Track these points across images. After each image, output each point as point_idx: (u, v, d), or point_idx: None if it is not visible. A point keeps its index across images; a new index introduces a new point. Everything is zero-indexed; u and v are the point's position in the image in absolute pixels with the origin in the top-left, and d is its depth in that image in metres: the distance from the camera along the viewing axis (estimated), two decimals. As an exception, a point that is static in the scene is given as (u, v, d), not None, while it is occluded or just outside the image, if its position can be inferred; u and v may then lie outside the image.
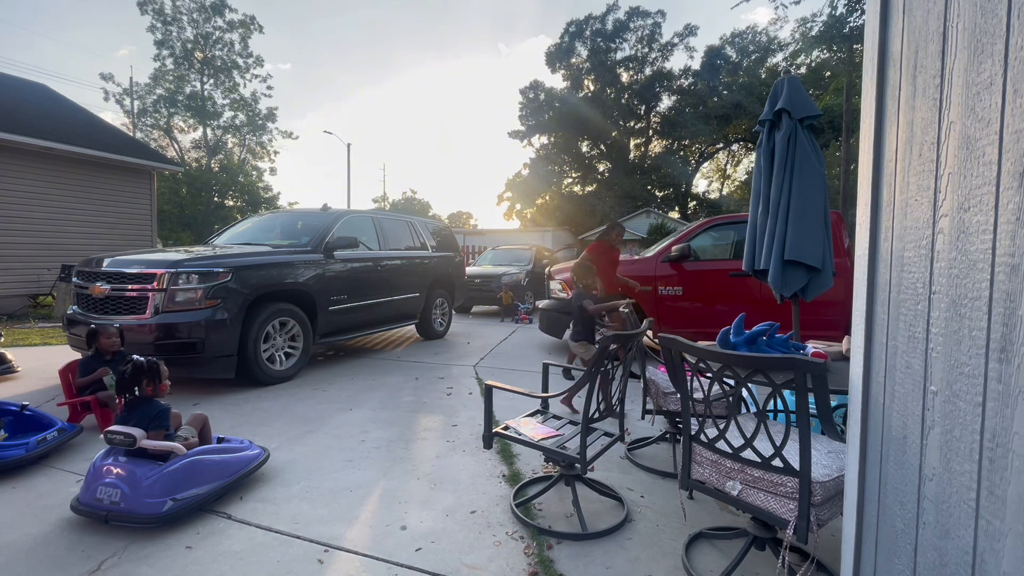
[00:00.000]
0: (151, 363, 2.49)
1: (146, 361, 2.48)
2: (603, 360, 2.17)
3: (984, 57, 0.93)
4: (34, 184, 9.61)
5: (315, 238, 5.31)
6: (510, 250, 12.39)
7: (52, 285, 9.63)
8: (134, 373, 2.44)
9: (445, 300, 7.50)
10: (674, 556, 2.03)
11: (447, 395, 4.32)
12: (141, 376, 2.44)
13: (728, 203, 35.17)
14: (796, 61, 23.87)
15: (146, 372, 2.46)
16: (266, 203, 33.48)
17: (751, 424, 1.84)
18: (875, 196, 1.35)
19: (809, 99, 3.18)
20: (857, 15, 16.71)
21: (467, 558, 2.00)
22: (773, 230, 3.14)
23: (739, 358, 1.70)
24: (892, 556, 1.24)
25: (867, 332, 1.37)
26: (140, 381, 2.43)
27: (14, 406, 3.04)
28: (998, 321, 0.89)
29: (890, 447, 1.26)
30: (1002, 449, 0.88)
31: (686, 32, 35.89)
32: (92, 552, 1.99)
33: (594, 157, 39.69)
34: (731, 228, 5.81)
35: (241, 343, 4.30)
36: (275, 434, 3.30)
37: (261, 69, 37.34)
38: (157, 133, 33.36)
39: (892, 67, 1.27)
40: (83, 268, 4.53)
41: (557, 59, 37.96)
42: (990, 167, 0.91)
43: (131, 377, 2.43)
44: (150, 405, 2.42)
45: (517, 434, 2.36)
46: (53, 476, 2.66)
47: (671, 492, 2.57)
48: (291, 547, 2.05)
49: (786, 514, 1.63)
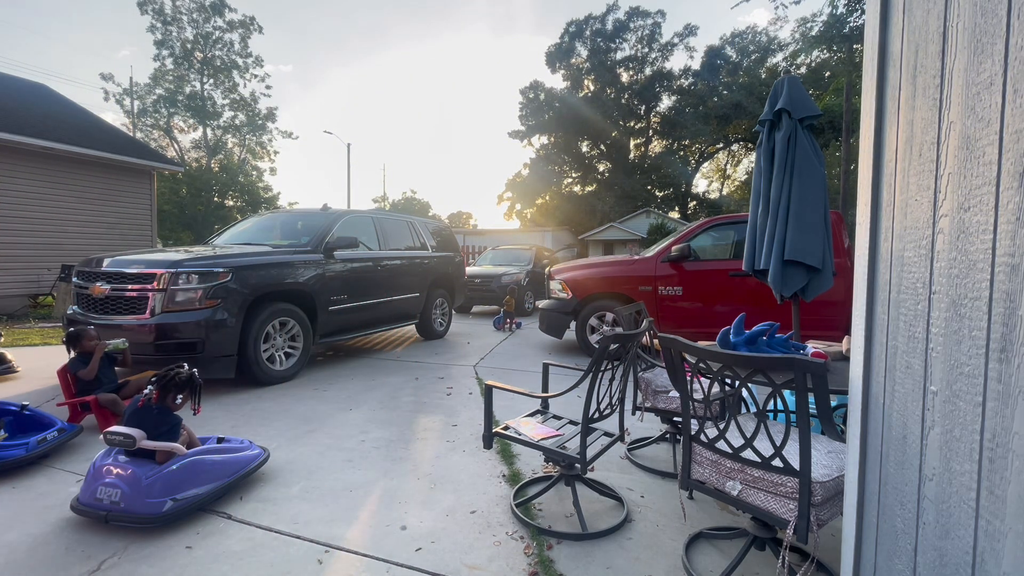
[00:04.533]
0: (200, 383, 2.51)
1: (200, 380, 2.50)
2: (602, 360, 2.17)
3: (984, 57, 0.92)
4: (34, 184, 9.61)
5: (315, 238, 5.31)
6: (510, 250, 12.38)
7: (52, 285, 9.63)
8: (187, 382, 2.43)
9: (445, 300, 7.50)
10: (674, 556, 2.03)
11: (447, 395, 4.32)
12: (187, 388, 2.44)
13: (728, 203, 35.19)
14: (796, 61, 23.87)
15: (193, 389, 2.47)
16: (266, 203, 33.48)
17: (751, 424, 1.84)
18: (875, 196, 1.35)
19: (809, 99, 3.18)
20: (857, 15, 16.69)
21: (467, 558, 2.00)
22: (773, 230, 3.14)
23: (739, 358, 1.70)
24: (892, 556, 1.24)
25: (867, 332, 1.37)
26: (182, 392, 2.42)
27: (14, 406, 3.04)
28: (998, 321, 0.89)
29: (890, 447, 1.26)
30: (1002, 449, 0.88)
31: (686, 32, 35.95)
32: (92, 552, 1.99)
33: (594, 157, 39.71)
34: (731, 228, 5.81)
35: (241, 343, 4.31)
36: (275, 434, 3.30)
37: (261, 69, 37.32)
38: (157, 133, 33.40)
39: (892, 67, 1.27)
40: (83, 268, 4.53)
41: (557, 59, 37.98)
42: (990, 167, 0.91)
43: (181, 384, 2.42)
44: (167, 416, 2.40)
45: (517, 434, 2.36)
46: (53, 476, 2.65)
47: (671, 492, 2.57)
48: (291, 547, 2.05)
49: (786, 514, 1.63)
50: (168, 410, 2.40)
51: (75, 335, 3.47)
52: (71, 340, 3.46)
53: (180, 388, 2.42)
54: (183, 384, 2.43)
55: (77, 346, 3.45)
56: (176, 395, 2.41)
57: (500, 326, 8.47)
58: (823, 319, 5.02)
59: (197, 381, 2.50)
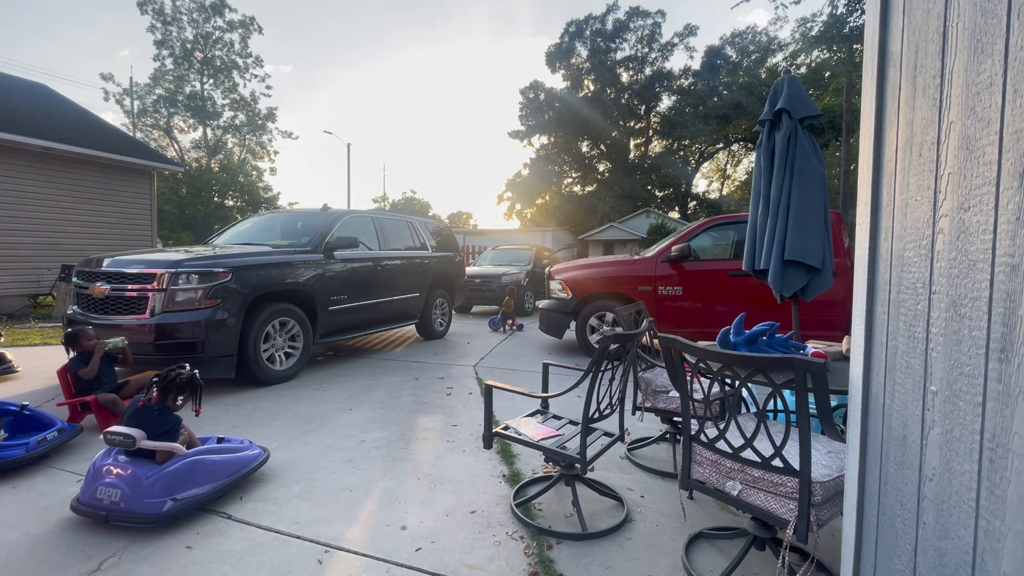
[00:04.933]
0: (201, 383, 2.51)
1: (201, 380, 2.50)
2: (602, 360, 2.17)
3: (984, 57, 0.92)
4: (34, 184, 9.61)
5: (315, 238, 5.31)
6: (510, 250, 12.38)
7: (52, 285, 9.63)
8: (188, 383, 2.44)
9: (445, 300, 7.50)
10: (674, 556, 2.03)
11: (447, 395, 4.32)
12: (188, 389, 2.44)
13: (728, 203, 35.17)
14: (796, 61, 23.87)
15: (193, 390, 2.47)
16: (266, 203, 33.47)
17: (751, 424, 1.84)
18: (875, 196, 1.35)
19: (809, 99, 3.18)
20: (857, 15, 16.68)
21: (467, 558, 2.00)
22: (773, 230, 3.14)
23: (739, 358, 1.70)
24: (892, 556, 1.24)
25: (867, 332, 1.37)
26: (183, 392, 2.42)
27: (14, 406, 3.04)
28: (998, 321, 0.89)
29: (890, 447, 1.26)
30: (1002, 449, 0.88)
31: (686, 32, 35.94)
32: (92, 552, 1.99)
33: (594, 157, 39.70)
34: (731, 228, 5.81)
35: (241, 343, 4.30)
36: (275, 434, 3.30)
37: (261, 69, 37.34)
38: (157, 133, 33.39)
39: (892, 67, 1.27)
40: (83, 268, 4.53)
41: (557, 59, 37.97)
42: (990, 167, 0.91)
43: (181, 384, 2.42)
44: (167, 416, 2.40)
45: (517, 434, 2.36)
46: (53, 476, 2.65)
47: (671, 492, 2.57)
48: (291, 547, 2.05)
49: (786, 514, 1.63)
50: (168, 411, 2.40)
51: (73, 335, 3.47)
52: (69, 340, 3.46)
53: (181, 389, 2.42)
54: (184, 385, 2.43)
55: (76, 346, 3.45)
56: (177, 396, 2.40)
57: (496, 327, 8.14)
58: (823, 319, 5.02)
59: (198, 382, 2.50)
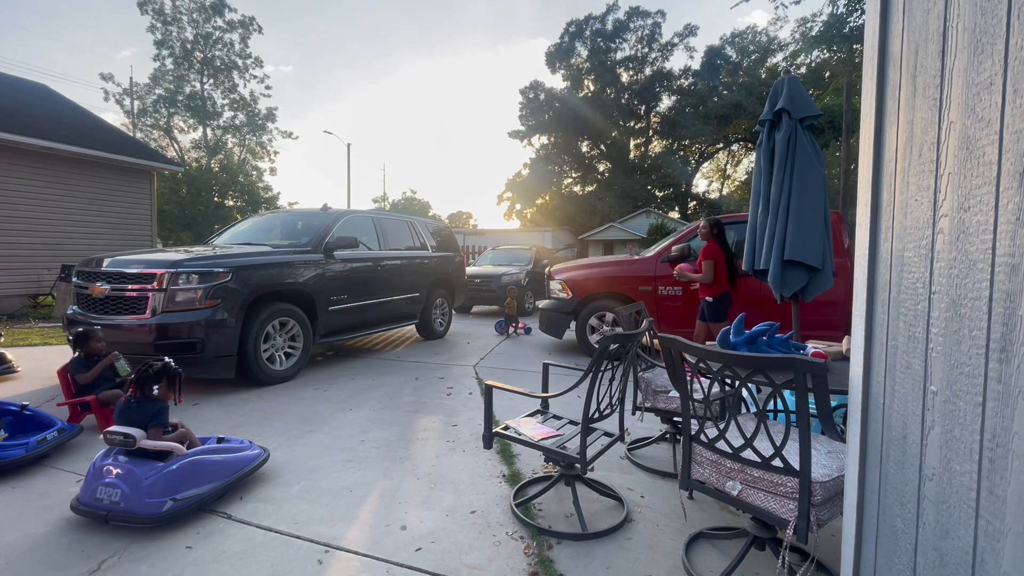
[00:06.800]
0: (178, 372, 2.52)
1: (177, 368, 2.52)
2: (602, 360, 2.17)
3: (984, 57, 0.92)
4: (34, 184, 9.61)
5: (315, 238, 5.31)
6: (510, 250, 12.38)
7: (52, 285, 9.63)
8: (161, 372, 2.46)
9: (445, 300, 7.50)
10: (674, 556, 2.03)
11: (447, 395, 4.32)
12: (164, 378, 2.46)
13: (728, 203, 35.15)
14: (796, 61, 23.85)
15: (171, 377, 2.49)
16: (266, 203, 33.48)
17: (751, 424, 1.84)
18: (875, 196, 1.35)
19: (809, 99, 3.18)
20: (857, 15, 16.67)
21: (467, 558, 2.00)
22: (773, 230, 3.14)
23: (739, 358, 1.70)
24: (892, 556, 1.24)
25: (867, 332, 1.37)
26: (160, 381, 2.44)
27: (14, 406, 3.04)
28: (998, 321, 0.89)
29: (890, 447, 1.26)
30: (1002, 449, 0.88)
31: (686, 32, 35.93)
32: (92, 552, 1.99)
33: (594, 157, 39.69)
34: (731, 228, 5.80)
35: (241, 343, 4.30)
36: (275, 434, 3.30)
37: (260, 70, 37.38)
38: (157, 133, 33.41)
39: (892, 67, 1.27)
40: (83, 268, 4.53)
41: (557, 59, 37.96)
42: (990, 167, 0.91)
43: (155, 374, 2.44)
44: (152, 403, 2.42)
45: (517, 434, 2.36)
46: (53, 476, 2.65)
47: (671, 492, 2.57)
48: (291, 547, 2.05)
49: (786, 514, 1.63)
50: (148, 399, 2.42)
51: (84, 335, 3.45)
52: (79, 339, 3.44)
53: (156, 378, 2.43)
54: (158, 374, 2.44)
55: (84, 346, 3.43)
56: (152, 385, 2.42)
57: (502, 331, 7.78)
58: (823, 319, 5.02)
59: (174, 371, 2.51)
